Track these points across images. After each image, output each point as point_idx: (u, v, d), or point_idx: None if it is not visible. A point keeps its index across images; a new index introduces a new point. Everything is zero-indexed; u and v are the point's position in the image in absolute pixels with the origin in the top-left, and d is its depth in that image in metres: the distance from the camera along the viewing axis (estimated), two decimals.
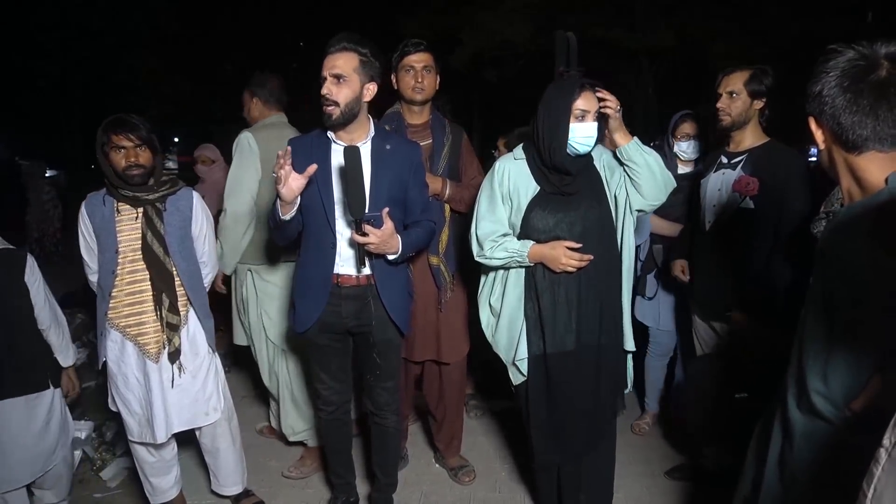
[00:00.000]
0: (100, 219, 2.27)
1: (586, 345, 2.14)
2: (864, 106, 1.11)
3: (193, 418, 2.39)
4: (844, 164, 1.18)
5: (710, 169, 2.59)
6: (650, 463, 2.94)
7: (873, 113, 1.11)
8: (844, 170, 1.19)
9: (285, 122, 2.98)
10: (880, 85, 1.10)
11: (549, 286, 2.12)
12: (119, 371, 2.31)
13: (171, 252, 2.29)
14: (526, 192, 2.14)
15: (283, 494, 2.75)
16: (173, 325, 2.29)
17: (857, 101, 1.11)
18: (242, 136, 2.76)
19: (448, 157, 2.58)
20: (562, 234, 2.09)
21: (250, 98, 3.03)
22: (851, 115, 1.12)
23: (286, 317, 2.67)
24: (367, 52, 2.09)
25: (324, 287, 2.20)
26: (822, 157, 1.24)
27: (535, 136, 2.09)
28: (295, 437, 2.91)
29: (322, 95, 2.06)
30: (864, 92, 1.10)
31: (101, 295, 2.31)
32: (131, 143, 2.18)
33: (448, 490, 2.77)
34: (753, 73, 2.42)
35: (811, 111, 1.19)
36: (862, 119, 1.11)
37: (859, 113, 1.11)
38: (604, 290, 2.15)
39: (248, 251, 2.79)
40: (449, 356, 2.71)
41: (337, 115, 2.07)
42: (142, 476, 2.49)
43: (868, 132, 1.12)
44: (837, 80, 1.13)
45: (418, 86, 2.52)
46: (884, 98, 1.10)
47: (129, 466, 3.21)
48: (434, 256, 2.60)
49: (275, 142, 2.64)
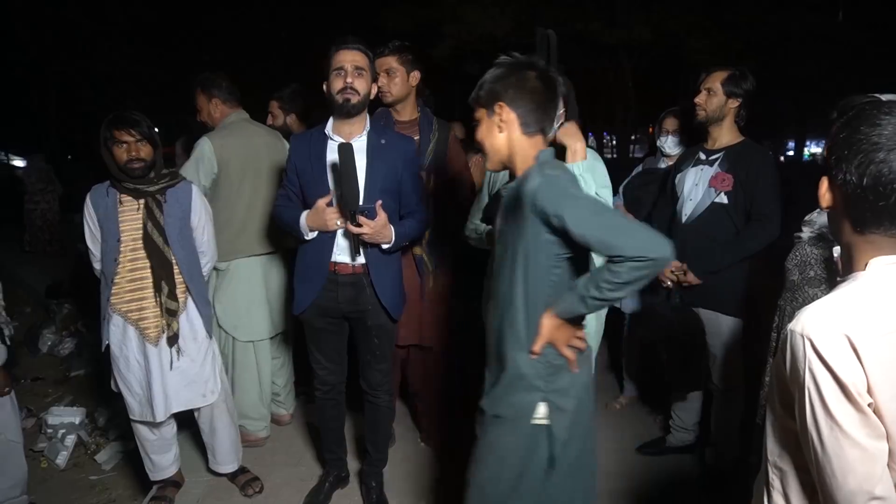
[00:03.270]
0: (103, 209, 2.38)
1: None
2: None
3: (192, 399, 2.52)
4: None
5: (687, 163, 2.74)
6: (623, 440, 3.13)
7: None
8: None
9: (247, 118, 3.08)
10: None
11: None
12: (121, 354, 2.43)
13: (171, 242, 2.41)
14: (492, 185, 2.37)
15: (277, 472, 2.89)
16: (172, 310, 2.41)
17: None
18: (203, 142, 2.85)
19: (434, 152, 2.72)
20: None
21: (208, 100, 3.04)
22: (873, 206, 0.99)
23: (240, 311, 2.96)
24: (371, 56, 2.29)
25: (320, 273, 2.34)
26: (828, 218, 1.13)
27: None
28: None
29: (344, 86, 2.20)
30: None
31: (104, 281, 2.42)
32: (132, 137, 2.30)
33: (433, 467, 2.93)
34: (731, 73, 2.57)
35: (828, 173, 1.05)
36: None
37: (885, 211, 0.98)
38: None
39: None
40: (431, 341, 2.86)
41: (356, 101, 2.23)
42: (143, 453, 2.62)
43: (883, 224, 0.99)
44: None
45: (383, 87, 2.64)
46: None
47: (123, 450, 3.34)
48: (417, 247, 2.74)
49: (237, 143, 2.81)
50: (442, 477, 2.84)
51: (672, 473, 2.85)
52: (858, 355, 0.91)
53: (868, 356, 0.91)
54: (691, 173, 2.68)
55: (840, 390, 0.91)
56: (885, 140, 0.95)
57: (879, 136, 0.95)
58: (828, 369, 0.92)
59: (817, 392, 0.93)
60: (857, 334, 0.91)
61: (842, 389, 0.91)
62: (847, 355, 0.91)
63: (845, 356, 0.91)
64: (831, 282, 1.96)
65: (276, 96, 3.41)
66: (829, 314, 0.95)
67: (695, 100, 2.62)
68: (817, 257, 2.01)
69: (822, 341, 0.93)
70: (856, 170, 0.97)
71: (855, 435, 0.91)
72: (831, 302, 0.98)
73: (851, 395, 0.91)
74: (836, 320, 0.94)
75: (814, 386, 0.93)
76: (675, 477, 2.83)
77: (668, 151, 3.18)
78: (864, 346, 0.91)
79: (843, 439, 0.92)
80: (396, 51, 2.67)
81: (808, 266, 2.02)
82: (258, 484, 2.73)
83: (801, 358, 0.95)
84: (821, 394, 0.92)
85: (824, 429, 0.93)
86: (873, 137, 0.96)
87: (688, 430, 2.95)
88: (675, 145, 3.14)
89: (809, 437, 0.95)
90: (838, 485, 0.93)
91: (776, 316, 2.07)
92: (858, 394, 0.91)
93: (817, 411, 0.93)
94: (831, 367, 0.91)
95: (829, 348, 0.92)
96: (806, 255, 2.03)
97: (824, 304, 0.98)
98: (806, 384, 0.94)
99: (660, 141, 3.21)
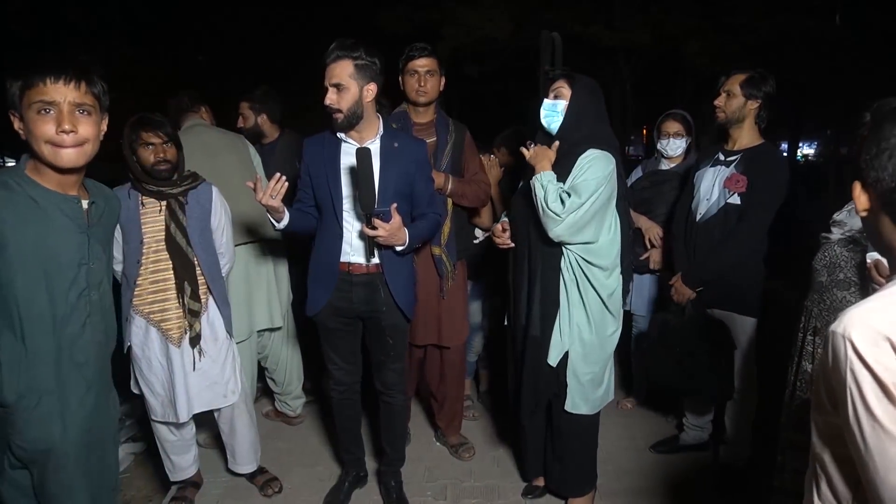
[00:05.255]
0: (125, 211, 2.38)
1: (519, 325, 2.45)
2: None
3: (213, 400, 2.53)
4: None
5: (706, 162, 2.76)
6: (635, 438, 3.17)
7: None
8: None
9: (202, 123, 3.11)
10: None
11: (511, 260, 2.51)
12: (143, 355, 2.44)
13: (193, 243, 2.42)
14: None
15: (294, 472, 2.90)
16: (195, 311, 2.43)
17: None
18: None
19: (451, 154, 2.75)
20: (516, 211, 2.45)
21: (175, 113, 3.15)
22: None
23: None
24: (360, 55, 2.22)
25: (332, 274, 2.38)
26: (864, 223, 1.12)
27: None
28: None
29: (325, 105, 2.24)
30: None
31: (125, 283, 2.43)
32: (160, 139, 2.31)
33: (449, 465, 2.96)
34: (751, 76, 2.61)
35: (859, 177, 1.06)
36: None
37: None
38: (536, 280, 2.38)
39: None
40: (449, 340, 2.89)
41: (341, 119, 2.25)
42: (163, 454, 2.63)
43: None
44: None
45: (421, 89, 2.70)
46: None
47: (135, 452, 3.35)
48: (436, 247, 2.77)
49: (191, 147, 2.72)
50: (458, 475, 2.87)
51: (686, 472, 2.88)
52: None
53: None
54: (709, 173, 2.71)
55: (881, 390, 0.93)
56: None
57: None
58: (868, 370, 0.94)
59: (859, 392, 0.95)
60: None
61: (883, 390, 0.93)
62: (888, 357, 0.94)
63: (886, 358, 0.94)
64: (864, 286, 1.99)
65: (247, 97, 3.43)
66: (870, 316, 0.98)
67: (714, 102, 2.66)
68: (847, 259, 2.02)
69: (863, 343, 0.95)
70: (889, 166, 1.00)
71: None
72: (874, 304, 1.00)
73: (892, 396, 0.93)
74: (877, 322, 0.96)
75: (855, 386, 0.96)
76: (689, 475, 2.86)
77: (671, 154, 3.20)
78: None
79: (885, 438, 0.94)
80: (434, 54, 2.73)
81: (838, 268, 2.04)
82: (277, 484, 2.75)
83: (843, 359, 0.98)
84: (862, 394, 0.95)
85: (867, 427, 0.95)
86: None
87: (701, 428, 2.99)
88: (676, 147, 3.17)
89: (853, 435, 0.98)
90: (881, 480, 0.95)
91: (802, 317, 2.10)
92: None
93: (859, 411, 0.96)
94: (872, 368, 0.94)
95: (870, 350, 0.94)
96: (835, 256, 2.05)
97: (867, 307, 1.00)
98: (848, 384, 0.97)
99: (660, 144, 3.21)
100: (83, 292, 1.61)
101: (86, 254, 1.60)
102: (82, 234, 1.60)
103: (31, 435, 1.58)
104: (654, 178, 3.28)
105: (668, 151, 3.19)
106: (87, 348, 1.64)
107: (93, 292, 1.64)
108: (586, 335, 2.33)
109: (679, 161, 3.20)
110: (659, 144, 3.23)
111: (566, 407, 2.39)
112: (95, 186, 1.72)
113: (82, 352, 1.63)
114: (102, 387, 1.74)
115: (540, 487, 2.69)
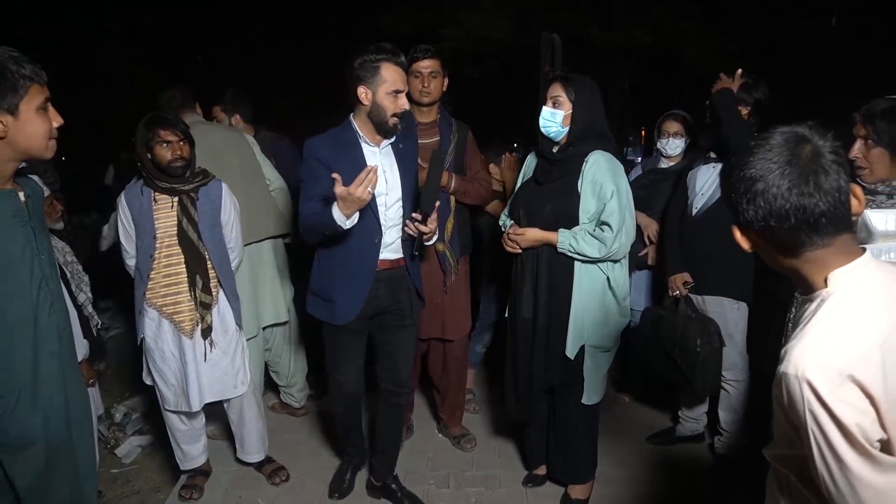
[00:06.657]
0: (138, 208, 2.47)
1: (520, 317, 2.50)
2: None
3: (223, 391, 2.61)
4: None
5: (699, 162, 2.84)
6: (633, 431, 3.24)
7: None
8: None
9: (201, 120, 3.16)
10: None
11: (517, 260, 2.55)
12: (156, 346, 2.52)
13: (204, 238, 2.50)
14: (523, 177, 2.56)
15: (301, 461, 2.98)
16: (206, 303, 2.51)
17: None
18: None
19: (454, 153, 2.83)
20: (518, 206, 2.53)
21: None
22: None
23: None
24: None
25: (367, 279, 2.36)
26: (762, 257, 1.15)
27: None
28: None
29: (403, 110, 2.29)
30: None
31: (139, 277, 2.51)
32: (177, 137, 2.39)
33: (451, 456, 3.04)
34: (743, 82, 2.69)
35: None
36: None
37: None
38: (542, 271, 2.45)
39: None
40: (453, 333, 2.97)
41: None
42: (174, 444, 2.71)
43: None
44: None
45: (425, 90, 2.78)
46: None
47: (142, 444, 3.42)
48: (440, 243, 2.84)
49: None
50: (460, 465, 2.95)
51: (682, 462, 2.97)
52: (864, 388, 0.92)
53: (873, 385, 0.92)
54: (703, 170, 2.79)
55: (841, 433, 0.92)
56: (756, 171, 1.01)
57: (751, 169, 1.02)
58: (829, 413, 0.92)
59: (822, 436, 0.93)
60: (858, 368, 0.93)
61: (842, 432, 0.92)
62: (854, 395, 0.92)
63: (852, 397, 0.92)
64: None
65: (218, 102, 3.48)
66: (822, 353, 0.96)
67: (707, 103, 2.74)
68: None
69: (823, 384, 0.92)
70: (750, 209, 1.03)
71: (866, 477, 0.92)
72: (819, 338, 0.98)
73: (855, 440, 0.91)
74: (835, 361, 0.94)
75: (818, 429, 0.94)
76: (685, 465, 2.94)
77: (671, 153, 3.28)
78: (865, 375, 0.92)
79: (854, 481, 0.93)
80: (437, 55, 2.80)
81: None
82: (284, 473, 2.82)
83: (800, 400, 0.94)
84: (826, 437, 0.93)
85: (835, 469, 0.94)
86: (749, 172, 1.02)
87: (696, 420, 3.07)
88: (676, 147, 3.25)
89: (821, 476, 0.96)
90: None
91: (792, 307, 2.17)
92: (864, 436, 0.91)
93: (825, 453, 0.94)
94: (833, 411, 0.92)
95: (831, 390, 0.92)
96: None
97: (814, 343, 0.97)
98: (809, 427, 0.94)
99: (660, 143, 3.29)
100: (41, 283, 1.60)
101: (34, 245, 1.59)
102: (26, 227, 1.58)
103: (15, 431, 1.56)
104: (654, 176, 3.37)
105: (667, 150, 3.27)
106: (57, 336, 1.65)
107: (50, 282, 1.63)
108: (603, 328, 2.41)
109: (678, 160, 3.28)
110: (659, 143, 3.31)
111: (583, 400, 2.47)
112: (20, 178, 1.67)
113: (54, 340, 1.64)
114: (73, 371, 1.74)
115: (541, 476, 2.77)
